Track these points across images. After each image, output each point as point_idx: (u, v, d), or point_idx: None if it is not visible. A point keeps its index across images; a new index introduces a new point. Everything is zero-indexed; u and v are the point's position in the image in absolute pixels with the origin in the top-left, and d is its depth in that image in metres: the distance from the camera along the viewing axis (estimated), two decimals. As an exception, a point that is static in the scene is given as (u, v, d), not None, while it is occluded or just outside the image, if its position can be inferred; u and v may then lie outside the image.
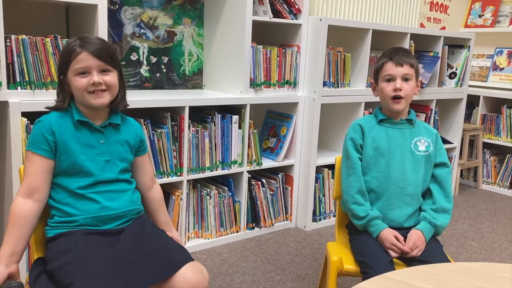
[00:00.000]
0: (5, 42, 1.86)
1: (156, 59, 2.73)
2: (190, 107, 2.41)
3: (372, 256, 1.63)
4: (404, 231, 1.72)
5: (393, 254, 1.65)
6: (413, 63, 1.78)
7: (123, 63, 2.59)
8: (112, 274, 1.30)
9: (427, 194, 1.80)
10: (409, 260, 1.64)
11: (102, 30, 2.07)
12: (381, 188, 1.76)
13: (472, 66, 4.35)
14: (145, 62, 2.69)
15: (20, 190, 1.42)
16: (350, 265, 1.69)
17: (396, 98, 1.76)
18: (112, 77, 1.45)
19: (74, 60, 1.41)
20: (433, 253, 1.65)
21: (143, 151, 1.61)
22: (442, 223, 1.72)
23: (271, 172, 2.90)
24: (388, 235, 1.67)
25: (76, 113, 1.46)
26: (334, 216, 3.04)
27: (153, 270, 1.35)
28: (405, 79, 1.76)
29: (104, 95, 1.44)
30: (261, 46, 2.66)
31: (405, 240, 1.67)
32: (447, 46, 3.50)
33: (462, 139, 3.85)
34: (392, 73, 1.76)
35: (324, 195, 3.01)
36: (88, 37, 1.45)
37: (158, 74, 2.75)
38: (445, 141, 3.71)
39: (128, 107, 1.57)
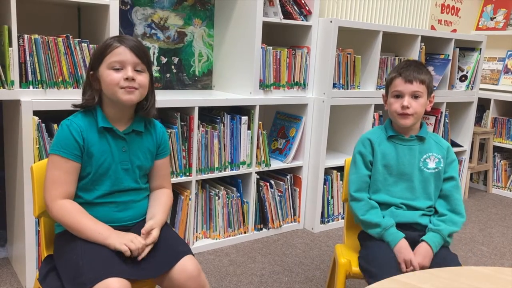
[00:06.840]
0: (18, 41, 1.88)
1: (166, 59, 2.74)
2: (199, 107, 2.41)
3: (379, 266, 1.59)
4: (417, 227, 1.71)
5: (404, 268, 1.61)
6: (424, 79, 1.71)
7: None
8: (118, 265, 1.31)
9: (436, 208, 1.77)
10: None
11: (113, 30, 2.09)
12: (389, 205, 1.74)
13: (483, 69, 4.32)
14: (155, 62, 2.70)
15: (55, 196, 1.37)
16: (358, 267, 1.69)
17: (404, 114, 1.71)
18: (144, 78, 1.43)
19: (111, 53, 1.39)
20: (448, 263, 1.60)
21: (158, 156, 1.56)
22: (447, 230, 1.67)
23: (280, 173, 2.90)
24: (405, 248, 1.62)
25: (100, 118, 1.43)
26: (343, 218, 3.03)
27: (157, 263, 1.37)
28: (415, 96, 1.71)
29: (134, 92, 1.41)
30: (271, 47, 2.66)
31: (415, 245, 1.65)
32: (458, 49, 3.49)
33: (472, 142, 3.82)
34: (400, 89, 1.71)
35: (332, 197, 3.00)
36: (127, 36, 1.46)
37: (168, 75, 2.76)
38: (455, 144, 3.69)
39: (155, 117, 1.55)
